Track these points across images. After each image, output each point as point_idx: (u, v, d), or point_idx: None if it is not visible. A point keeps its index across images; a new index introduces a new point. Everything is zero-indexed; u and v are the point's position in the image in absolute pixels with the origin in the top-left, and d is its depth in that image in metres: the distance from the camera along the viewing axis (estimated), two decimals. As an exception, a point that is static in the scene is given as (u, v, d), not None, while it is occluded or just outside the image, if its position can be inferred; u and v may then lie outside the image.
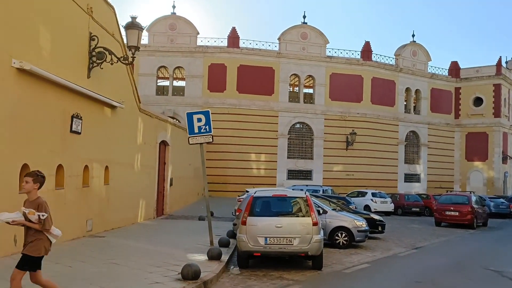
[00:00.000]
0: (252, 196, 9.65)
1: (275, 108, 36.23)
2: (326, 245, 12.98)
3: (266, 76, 36.04)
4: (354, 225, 13.15)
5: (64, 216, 11.47)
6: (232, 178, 33.98)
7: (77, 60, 12.16)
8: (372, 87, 39.06)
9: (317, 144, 37.22)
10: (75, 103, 11.86)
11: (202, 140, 12.00)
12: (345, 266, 10.28)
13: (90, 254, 9.58)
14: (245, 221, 9.28)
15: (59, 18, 11.14)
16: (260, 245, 9.11)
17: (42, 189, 10.26)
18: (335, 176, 37.04)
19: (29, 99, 9.73)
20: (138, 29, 12.62)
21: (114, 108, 14.66)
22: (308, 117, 37.18)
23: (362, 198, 27.67)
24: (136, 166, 17.39)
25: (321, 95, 37.64)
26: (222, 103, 35.14)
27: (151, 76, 35.17)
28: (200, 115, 11.90)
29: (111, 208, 14.67)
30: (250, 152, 35.30)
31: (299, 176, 36.60)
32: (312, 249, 9.10)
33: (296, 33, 37.65)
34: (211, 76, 35.27)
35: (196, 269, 7.35)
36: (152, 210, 19.56)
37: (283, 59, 36.75)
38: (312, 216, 9.21)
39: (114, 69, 14.10)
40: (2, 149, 8.83)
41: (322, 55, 37.84)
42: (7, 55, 8.92)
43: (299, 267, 9.73)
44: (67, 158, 11.57)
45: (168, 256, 9.77)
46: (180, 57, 35.32)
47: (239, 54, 35.81)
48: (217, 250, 9.55)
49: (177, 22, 35.96)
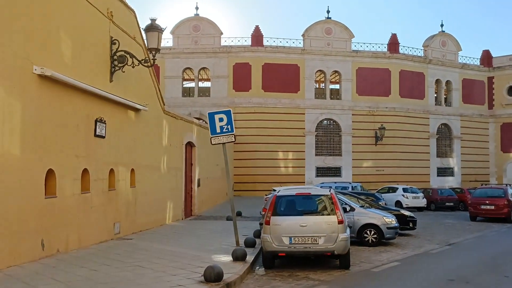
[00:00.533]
0: (275, 195, 9.48)
1: (302, 106, 35.91)
2: (355, 243, 12.72)
3: (291, 74, 35.76)
4: (383, 222, 12.80)
5: (91, 219, 11.60)
6: (260, 177, 33.87)
7: (99, 65, 12.25)
8: (401, 80, 38.23)
9: (345, 140, 36.69)
10: (98, 107, 11.96)
11: (225, 140, 11.90)
12: (373, 264, 9.99)
13: (116, 257, 9.60)
14: (269, 221, 9.12)
15: (80, 24, 11.24)
16: (284, 245, 8.93)
17: (67, 193, 10.52)
18: (364, 172, 36.42)
19: (52, 105, 9.84)
20: (158, 31, 12.62)
21: (138, 111, 14.74)
22: (335, 113, 36.70)
23: (393, 194, 27.08)
24: (162, 168, 17.47)
25: (347, 91, 37.08)
26: (247, 102, 35.07)
27: (176, 78, 35.43)
28: (222, 114, 11.80)
29: (139, 211, 14.77)
30: (278, 150, 35.11)
31: (328, 173, 36.18)
32: (338, 248, 8.85)
33: (320, 28, 37.22)
34: (236, 76, 35.25)
35: (218, 271, 7.24)
36: (180, 211, 19.63)
37: (308, 55, 36.38)
38: (337, 214, 8.96)
39: (137, 72, 14.19)
40: (27, 155, 8.95)
41: (347, 50, 37.27)
42: (29, 62, 9.03)
43: (326, 267, 9.50)
44: (92, 162, 11.67)
45: (193, 258, 9.71)
46: (204, 58, 35.44)
47: (263, 52, 35.65)
48: (241, 250, 9.43)
49: (200, 23, 36.09)
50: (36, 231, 9.25)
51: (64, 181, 10.28)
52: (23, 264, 8.59)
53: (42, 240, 9.41)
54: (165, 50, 35.32)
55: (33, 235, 9.13)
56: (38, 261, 8.93)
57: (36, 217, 9.22)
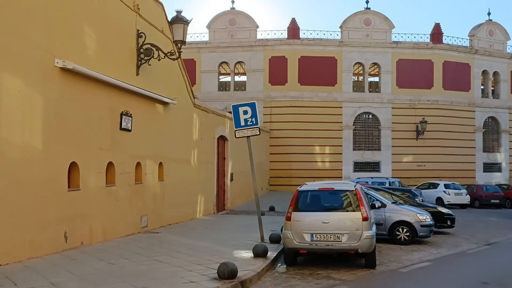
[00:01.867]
0: (297, 190, 9.13)
1: (339, 99, 35.13)
2: (386, 241, 12.20)
3: (328, 66, 35.01)
4: (417, 219, 12.17)
5: (116, 212, 11.64)
6: (296, 171, 33.43)
7: (125, 58, 12.24)
8: (444, 72, 36.67)
9: (384, 135, 35.62)
10: (124, 100, 11.95)
11: (249, 133, 11.63)
12: (402, 264, 9.45)
13: (137, 250, 9.55)
14: (290, 217, 8.78)
15: (105, 17, 11.24)
16: (306, 242, 8.57)
17: (91, 186, 10.56)
18: (405, 167, 35.25)
19: (74, 98, 9.86)
20: (183, 23, 12.49)
21: (167, 105, 14.70)
22: (374, 107, 35.67)
23: (434, 190, 26.00)
24: (192, 162, 17.42)
25: (387, 83, 35.94)
26: (283, 96, 34.65)
27: (212, 73, 35.45)
28: (246, 107, 11.54)
29: (167, 204, 14.75)
30: (314, 144, 34.52)
31: (366, 168, 35.27)
32: (362, 246, 8.40)
33: (359, 19, 36.20)
34: (272, 69, 34.87)
35: (232, 268, 6.99)
36: (212, 205, 19.56)
37: (346, 47, 35.50)
38: (362, 210, 8.50)
39: (165, 65, 14.13)
40: (49, 147, 9.00)
41: (387, 41, 36.10)
42: (50, 55, 9.07)
43: (351, 266, 9.07)
44: (118, 156, 11.69)
45: (214, 252, 9.52)
46: (240, 52, 35.25)
47: (299, 45, 35.08)
48: (262, 247, 9.14)
49: (236, 17, 35.91)
50: (59, 224, 9.32)
51: (88, 174, 10.32)
52: (45, 255, 8.66)
53: (65, 233, 9.47)
54: (201, 44, 35.45)
55: (55, 227, 9.20)
56: (60, 253, 9.00)
57: (58, 209, 9.29)
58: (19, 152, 8.26)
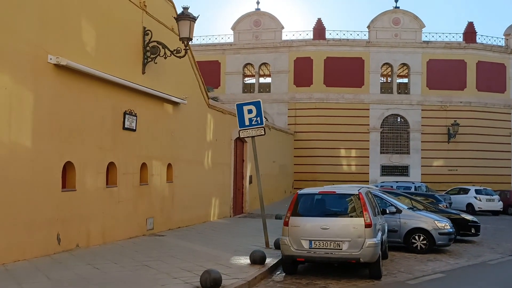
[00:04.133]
0: (296, 193, 8.52)
1: (366, 101, 34.09)
2: (402, 249, 11.44)
3: (355, 67, 34.04)
4: (435, 226, 11.33)
5: (118, 214, 11.31)
6: (321, 175, 32.59)
7: (129, 56, 11.95)
8: (478, 72, 35.06)
9: (413, 138, 34.33)
10: (128, 99, 11.64)
11: (254, 133, 11.13)
12: (412, 275, 8.69)
13: (131, 254, 9.17)
14: (288, 222, 8.19)
15: (107, 14, 10.96)
16: (303, 249, 7.96)
17: (89, 186, 10.25)
18: (435, 171, 33.84)
19: (71, 96, 9.59)
20: (189, 20, 12.08)
21: (177, 105, 14.35)
22: (403, 109, 34.43)
23: (464, 196, 24.76)
24: (206, 164, 17.02)
25: (417, 84, 34.65)
26: (309, 97, 33.92)
27: (237, 75, 35.08)
28: (251, 106, 11.02)
29: (177, 207, 14.38)
30: (340, 147, 33.60)
31: (394, 172, 34.06)
32: (364, 255, 7.72)
33: (387, 19, 35.09)
34: (297, 71, 34.21)
35: (215, 277, 6.47)
36: (228, 208, 19.12)
37: (374, 48, 34.45)
38: (365, 216, 7.82)
39: (176, 64, 13.78)
40: (40, 146, 8.73)
41: (417, 41, 34.82)
42: (43, 50, 8.81)
43: (354, 276, 8.38)
44: (120, 156, 11.38)
45: (211, 258, 9.03)
46: (265, 53, 34.76)
47: (325, 46, 34.28)
48: (259, 253, 8.58)
49: (261, 18, 35.46)
50: (51, 225, 9.04)
51: (85, 174, 10.03)
52: (34, 258, 8.38)
53: (58, 234, 9.19)
54: (226, 46, 35.17)
55: (47, 229, 8.92)
56: (51, 256, 8.70)
57: (51, 210, 9.01)
58: (5, 150, 8.00)
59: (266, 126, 26.94)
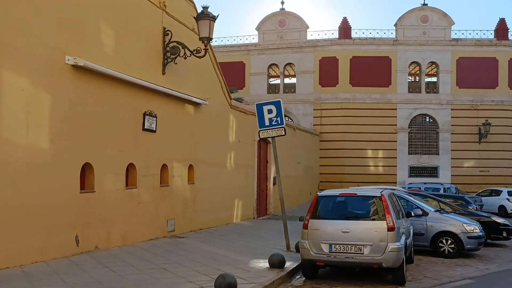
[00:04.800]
0: (316, 195, 8.25)
1: (393, 100, 33.36)
2: (428, 253, 11.00)
3: (382, 67, 33.36)
4: (463, 229, 10.84)
5: (138, 216, 11.25)
6: (347, 176, 32.08)
7: (150, 57, 11.90)
8: (510, 70, 33.85)
9: (443, 138, 33.39)
10: (148, 100, 11.59)
11: (274, 134, 10.90)
12: (439, 281, 8.29)
13: (150, 257, 9.06)
14: (307, 225, 7.93)
15: (126, 15, 10.93)
16: (323, 253, 7.68)
17: (108, 188, 10.21)
18: (466, 173, 32.82)
19: (90, 97, 9.57)
20: (209, 19, 11.96)
21: (198, 105, 14.25)
22: (432, 108, 33.54)
23: (496, 198, 23.84)
24: (229, 165, 16.88)
25: (446, 83, 33.70)
26: (334, 98, 33.42)
27: (262, 75, 34.88)
28: (271, 106, 10.81)
29: (198, 208, 14.28)
30: (367, 148, 32.98)
31: (423, 173, 33.20)
32: (387, 260, 7.38)
33: (415, 16, 34.28)
34: (323, 71, 33.78)
35: (230, 281, 6.27)
36: (251, 210, 18.95)
37: (401, 46, 33.69)
38: (387, 219, 7.49)
39: (197, 65, 13.69)
40: (58, 147, 8.73)
41: (446, 39, 33.88)
42: (61, 52, 8.81)
43: (377, 281, 8.05)
44: (140, 157, 11.32)
45: (230, 262, 8.84)
46: (290, 53, 34.46)
47: (351, 45, 33.73)
48: (278, 257, 8.34)
49: (286, 18, 35.18)
50: (70, 226, 9.02)
51: (104, 175, 9.99)
52: (52, 259, 8.37)
53: (77, 236, 9.17)
54: (250, 47, 35.03)
55: (65, 230, 8.90)
56: (69, 258, 8.68)
57: (69, 212, 8.99)
58: (24, 153, 8.00)
59: (291, 127, 26.79)
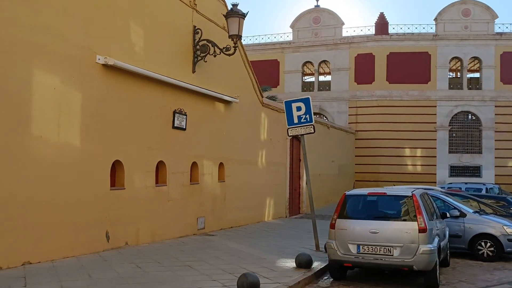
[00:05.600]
0: (344, 194, 8.01)
1: (432, 97, 32.34)
2: (466, 256, 10.55)
3: (421, 63, 32.40)
4: (504, 232, 10.31)
5: (168, 213, 11.32)
6: (384, 175, 31.35)
7: (180, 55, 11.95)
8: (558, 65, 32.23)
9: (486, 136, 32.10)
10: (178, 98, 11.64)
11: (303, 131, 10.70)
12: (475, 285, 7.89)
13: (177, 254, 9.08)
14: (334, 224, 7.71)
15: (156, 14, 11.00)
16: (351, 254, 7.44)
17: (138, 185, 10.30)
18: (510, 172, 31.44)
19: (119, 96, 9.68)
20: (238, 16, 11.88)
21: (229, 103, 14.22)
22: (474, 105, 32.31)
23: (542, 199, 22.66)
24: (260, 163, 16.78)
25: (489, 79, 32.38)
26: (370, 95, 32.74)
27: (296, 73, 34.61)
28: (300, 103, 10.62)
29: (229, 206, 14.25)
30: (404, 147, 32.12)
31: (464, 172, 32.04)
32: (418, 263, 7.07)
33: (456, 10, 33.09)
34: (358, 68, 33.14)
35: (252, 281, 6.15)
36: (283, 208, 18.80)
37: (441, 41, 32.62)
38: (418, 220, 7.17)
39: (228, 63, 13.65)
40: (88, 145, 8.86)
41: (489, 33, 32.55)
42: (91, 52, 8.94)
43: (408, 284, 7.74)
44: (170, 155, 11.38)
45: (256, 261, 8.74)
46: (324, 50, 34.01)
47: (388, 41, 32.93)
48: (305, 257, 8.16)
49: (320, 15, 34.73)
50: (101, 223, 9.15)
51: (134, 173, 10.09)
52: (83, 255, 8.51)
53: (107, 232, 9.29)
54: (284, 45, 34.82)
55: (96, 226, 9.03)
56: (99, 253, 8.81)
57: (100, 208, 9.12)
58: (55, 150, 8.16)
59: (325, 125, 26.40)
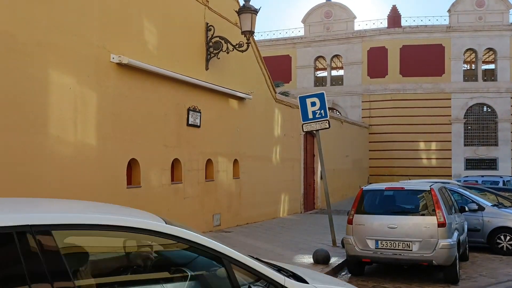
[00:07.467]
0: (361, 189, 7.96)
1: (447, 90, 31.98)
2: (485, 250, 10.43)
3: (434, 55, 32.05)
4: (523, 225, 10.19)
5: (184, 210, 11.38)
6: (398, 169, 31.15)
7: (193, 52, 11.96)
8: None
9: (502, 128, 31.67)
10: (191, 96, 11.66)
11: (318, 127, 10.66)
12: (496, 279, 7.79)
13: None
14: (352, 220, 7.67)
15: (168, 11, 11.01)
16: (369, 249, 7.40)
17: (154, 183, 10.35)
18: (528, 164, 31.07)
19: (133, 94, 9.71)
20: (251, 12, 11.86)
21: (242, 100, 14.22)
22: (489, 97, 31.88)
23: (562, 191, 22.31)
24: (274, 159, 16.78)
25: (505, 70, 31.91)
26: (384, 89, 32.47)
27: (308, 68, 34.46)
28: (314, 98, 10.58)
29: (244, 203, 14.27)
30: (418, 140, 31.85)
31: (480, 165, 31.67)
32: (438, 258, 7.01)
33: (470, 1, 32.62)
34: (371, 61, 32.88)
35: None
36: (298, 204, 18.78)
37: (455, 33, 32.20)
38: (437, 214, 7.10)
39: (240, 59, 13.64)
40: (105, 144, 8.91)
41: (504, 23, 32.05)
42: (105, 51, 8.98)
43: (427, 279, 7.68)
44: (185, 152, 11.42)
45: (273, 257, 8.69)
46: (337, 45, 33.80)
47: (401, 34, 32.61)
48: (323, 252, 8.14)
49: (332, 9, 34.50)
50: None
51: (150, 170, 10.14)
52: (101, 253, 8.56)
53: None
54: (296, 40, 34.68)
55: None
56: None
57: (117, 206, 9.18)
58: (72, 149, 8.23)
59: (338, 120, 26.26)
